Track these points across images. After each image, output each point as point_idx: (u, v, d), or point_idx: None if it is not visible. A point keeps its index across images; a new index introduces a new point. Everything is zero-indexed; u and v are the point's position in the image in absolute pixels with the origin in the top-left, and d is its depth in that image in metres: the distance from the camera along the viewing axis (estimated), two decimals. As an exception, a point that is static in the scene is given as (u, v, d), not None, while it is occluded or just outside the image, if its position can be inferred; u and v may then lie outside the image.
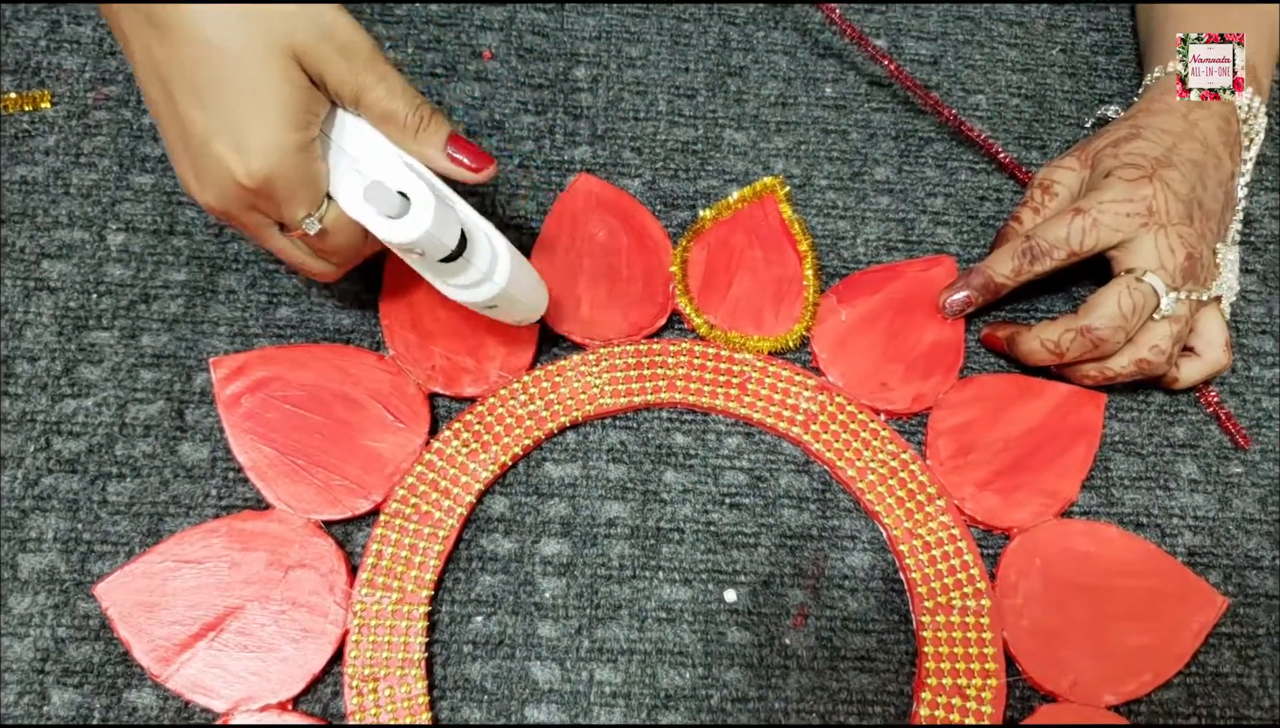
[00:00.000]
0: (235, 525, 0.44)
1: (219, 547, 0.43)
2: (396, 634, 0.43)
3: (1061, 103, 0.57)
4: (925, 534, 0.46)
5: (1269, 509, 0.48)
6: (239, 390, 0.46)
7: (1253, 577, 0.47)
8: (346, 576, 0.43)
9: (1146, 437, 0.49)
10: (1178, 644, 0.44)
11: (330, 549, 0.44)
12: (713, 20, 0.57)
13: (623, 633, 0.44)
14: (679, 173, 0.53)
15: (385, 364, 0.47)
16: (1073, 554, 0.45)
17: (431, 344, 0.48)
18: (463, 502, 0.45)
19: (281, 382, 0.46)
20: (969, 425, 0.48)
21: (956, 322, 0.50)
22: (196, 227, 0.50)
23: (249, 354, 0.47)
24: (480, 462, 0.46)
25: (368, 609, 0.43)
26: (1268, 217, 0.55)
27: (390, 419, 0.46)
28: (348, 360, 0.47)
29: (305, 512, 0.44)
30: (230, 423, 0.45)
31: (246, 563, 0.43)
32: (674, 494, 0.47)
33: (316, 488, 0.45)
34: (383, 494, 0.45)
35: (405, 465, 0.45)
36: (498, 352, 0.48)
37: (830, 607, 0.45)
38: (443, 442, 0.46)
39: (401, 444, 0.46)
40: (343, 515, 0.45)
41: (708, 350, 0.49)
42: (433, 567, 0.44)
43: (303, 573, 0.43)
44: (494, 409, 0.47)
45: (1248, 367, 0.51)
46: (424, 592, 0.44)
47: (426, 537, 0.45)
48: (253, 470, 0.45)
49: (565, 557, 0.45)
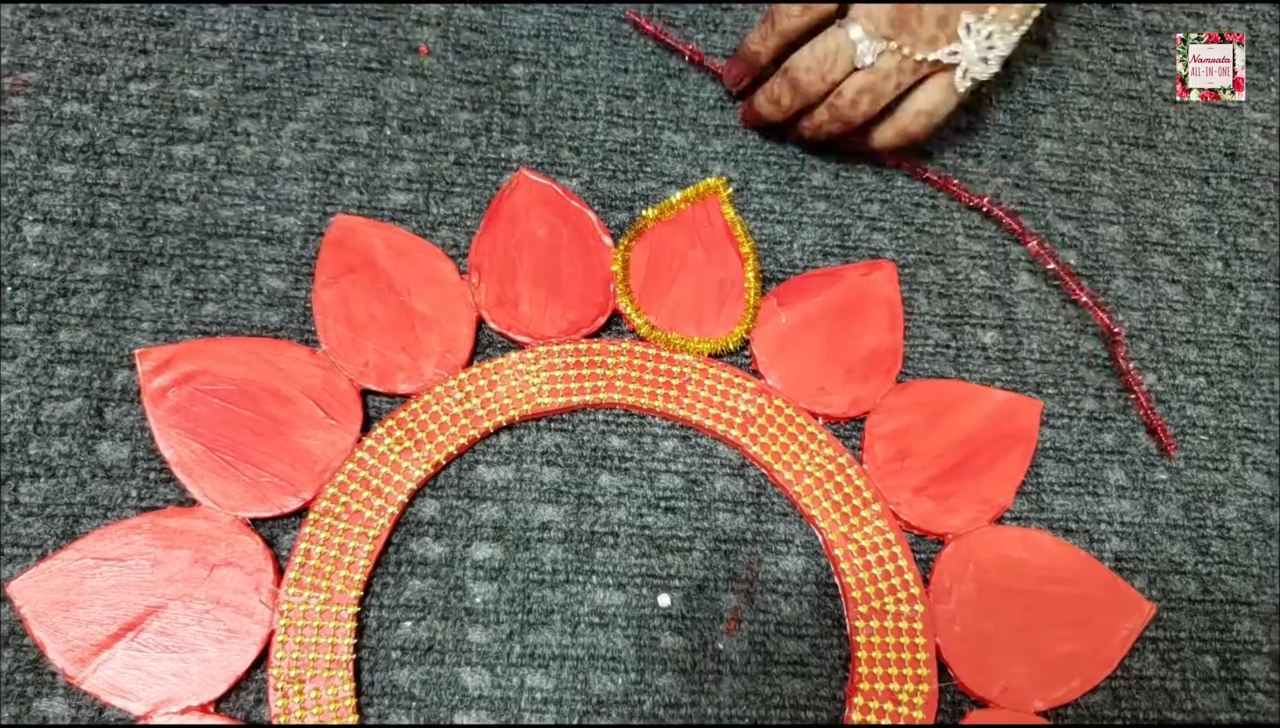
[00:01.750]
0: (159, 522, 0.42)
1: (141, 544, 0.42)
2: (324, 635, 0.42)
3: (995, 112, 0.58)
4: (860, 539, 0.46)
5: (1191, 515, 0.49)
6: (165, 384, 0.44)
7: (1176, 581, 0.48)
8: (273, 575, 0.42)
9: (1076, 443, 0.50)
10: (1106, 650, 0.45)
11: (257, 547, 0.43)
12: (652, 21, 0.57)
13: (555, 639, 0.43)
14: (617, 174, 0.53)
15: (317, 359, 0.46)
16: (1006, 561, 0.46)
17: (365, 339, 0.47)
18: (394, 501, 0.44)
19: (210, 375, 0.45)
20: (906, 431, 0.48)
21: (895, 326, 0.50)
22: (120, 219, 0.48)
23: (176, 347, 0.45)
24: (413, 461, 0.45)
25: (294, 609, 0.42)
26: (1192, 228, 0.56)
27: (321, 416, 0.45)
28: (279, 355, 0.46)
29: (232, 509, 0.43)
30: (156, 417, 0.44)
31: (170, 561, 0.42)
32: (609, 498, 0.46)
33: (244, 485, 0.43)
34: (312, 492, 0.44)
35: (336, 463, 0.44)
36: (433, 348, 0.47)
37: (763, 612, 0.45)
38: (375, 440, 0.45)
39: (333, 441, 0.45)
40: (271, 513, 0.43)
41: (648, 351, 0.48)
42: (362, 567, 0.43)
43: (228, 572, 0.42)
44: (428, 407, 0.46)
45: (1173, 375, 0.52)
46: (353, 592, 0.43)
47: (357, 536, 0.44)
48: (178, 466, 0.43)
49: (497, 561, 0.44)
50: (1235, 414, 0.52)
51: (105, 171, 0.49)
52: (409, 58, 0.54)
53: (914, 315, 0.51)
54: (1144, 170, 0.57)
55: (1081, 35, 0.61)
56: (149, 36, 0.53)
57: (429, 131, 0.52)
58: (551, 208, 0.50)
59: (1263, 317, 0.54)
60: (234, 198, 0.50)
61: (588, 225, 0.50)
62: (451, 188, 0.51)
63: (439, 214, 0.50)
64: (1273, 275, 0.56)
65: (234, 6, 0.54)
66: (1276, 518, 0.49)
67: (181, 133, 0.51)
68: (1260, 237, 0.57)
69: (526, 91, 0.54)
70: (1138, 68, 0.60)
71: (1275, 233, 0.57)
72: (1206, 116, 0.60)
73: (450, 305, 0.48)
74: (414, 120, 0.52)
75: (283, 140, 0.51)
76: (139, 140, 0.50)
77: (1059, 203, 0.55)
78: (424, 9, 0.55)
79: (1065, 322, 0.52)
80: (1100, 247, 0.55)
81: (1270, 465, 0.51)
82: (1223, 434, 0.51)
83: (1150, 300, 0.54)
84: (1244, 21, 0.63)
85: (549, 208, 0.50)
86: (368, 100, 0.53)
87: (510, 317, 0.48)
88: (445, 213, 0.50)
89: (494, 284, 0.48)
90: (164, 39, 0.53)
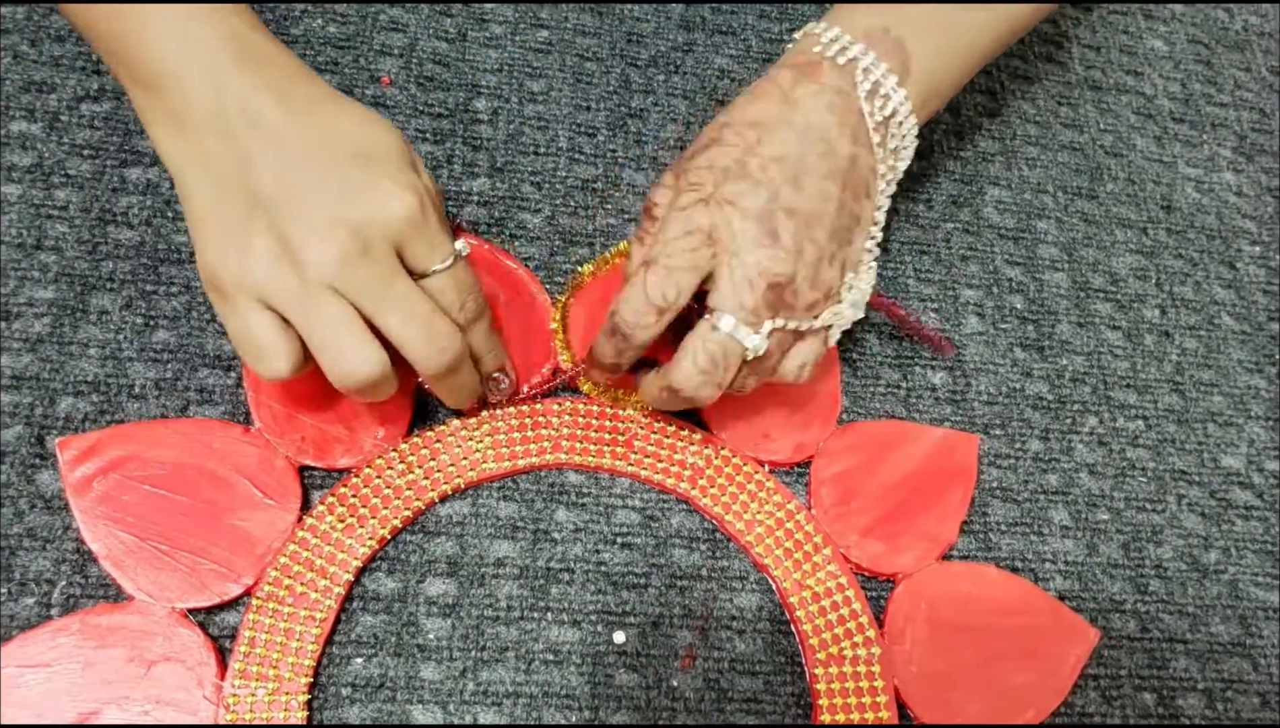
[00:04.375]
0: (89, 621, 0.40)
1: (69, 647, 0.39)
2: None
3: (946, 159, 0.59)
4: (814, 585, 0.46)
5: (1131, 555, 0.50)
6: (90, 473, 0.42)
7: (1116, 620, 0.49)
8: (216, 667, 0.40)
9: (1022, 484, 0.51)
10: (1056, 678, 0.46)
11: (197, 640, 0.40)
12: (615, 61, 0.57)
13: (509, 676, 0.43)
14: (579, 210, 0.53)
15: (251, 437, 0.44)
16: (955, 596, 0.47)
17: (300, 414, 0.45)
18: (340, 581, 0.43)
19: (139, 460, 0.43)
20: (850, 473, 0.49)
21: (832, 371, 0.50)
22: (68, 242, 0.47)
23: (100, 433, 0.43)
24: (357, 537, 0.44)
25: (241, 702, 0.40)
26: (1132, 277, 0.58)
27: (259, 496, 0.43)
28: (211, 435, 0.44)
29: (169, 600, 0.41)
30: (81, 509, 0.41)
31: (102, 662, 0.39)
32: (565, 533, 0.46)
33: (181, 574, 0.41)
34: (254, 576, 0.42)
35: (277, 545, 0.43)
36: (371, 420, 0.46)
37: (718, 648, 0.45)
38: (316, 518, 0.44)
39: (271, 522, 0.43)
40: (210, 602, 0.41)
41: (592, 408, 0.48)
42: (310, 652, 0.41)
43: (167, 667, 0.40)
44: (370, 481, 0.45)
45: (1113, 418, 0.54)
46: (303, 679, 0.41)
47: (303, 620, 0.42)
48: (108, 560, 0.41)
49: (451, 597, 0.44)
50: (1171, 457, 0.53)
51: (54, 192, 0.48)
52: (371, 87, 0.54)
53: (865, 356, 0.52)
54: (1086, 219, 0.59)
55: (1027, 88, 0.63)
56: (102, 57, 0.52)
57: (389, 162, 0.52)
58: (485, 267, 0.50)
59: (1196, 363, 0.56)
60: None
61: (523, 284, 0.50)
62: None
63: (398, 245, 0.50)
64: (1205, 323, 0.58)
65: (192, 30, 0.53)
66: (1210, 558, 0.51)
67: (135, 156, 0.50)
68: (1194, 286, 0.59)
69: (489, 126, 0.54)
70: (1080, 121, 0.63)
71: (1207, 283, 0.59)
72: (1144, 170, 0.62)
73: None
74: (374, 150, 0.52)
75: (239, 166, 0.50)
76: (90, 162, 0.49)
77: (1007, 249, 0.57)
78: (387, 39, 0.55)
79: (1012, 364, 0.54)
80: (1046, 292, 0.56)
81: (1204, 507, 0.52)
82: (1160, 476, 0.53)
83: (1092, 345, 0.55)
84: (1179, 80, 0.66)
85: (483, 267, 0.49)
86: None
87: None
88: (404, 244, 0.50)
89: None
90: (119, 60, 0.52)
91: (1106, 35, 0.67)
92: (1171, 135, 0.64)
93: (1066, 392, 0.54)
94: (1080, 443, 0.53)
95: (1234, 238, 0.61)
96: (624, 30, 0.59)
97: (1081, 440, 0.53)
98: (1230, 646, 0.49)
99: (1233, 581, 0.51)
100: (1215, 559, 0.51)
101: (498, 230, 0.51)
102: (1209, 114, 0.65)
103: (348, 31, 0.55)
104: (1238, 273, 0.60)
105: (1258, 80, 0.68)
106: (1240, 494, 0.53)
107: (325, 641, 0.42)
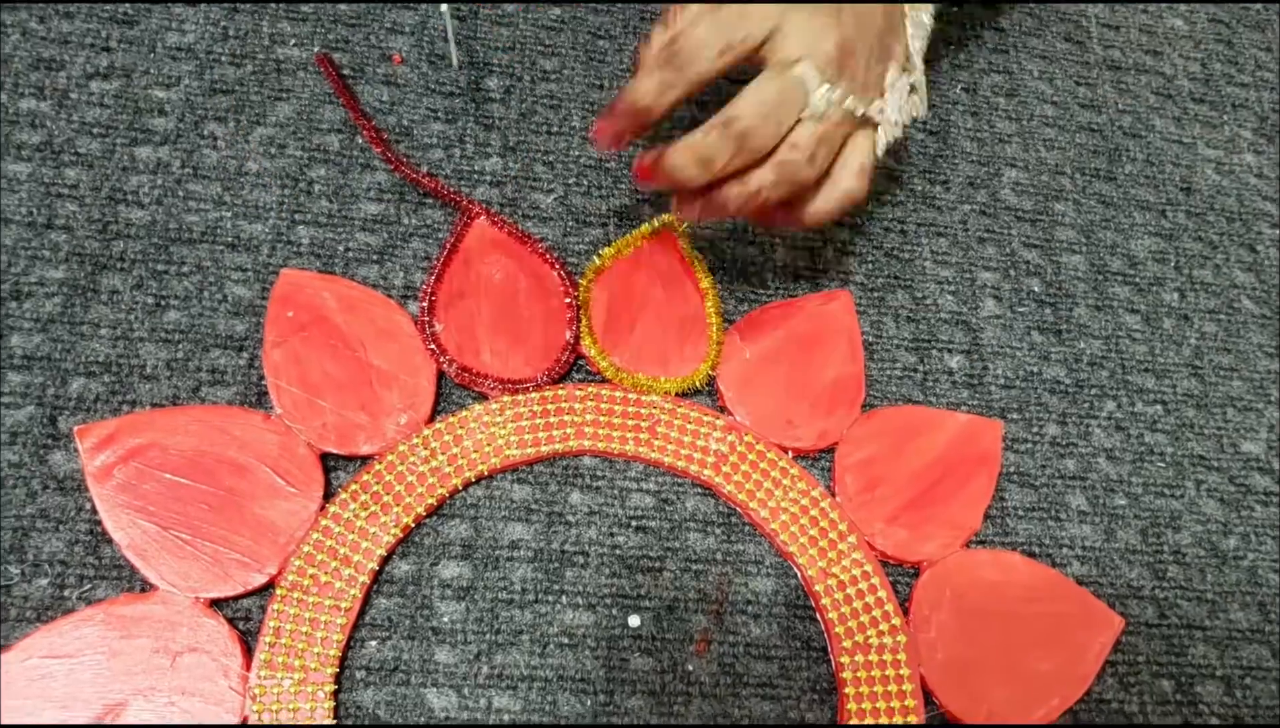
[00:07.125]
0: (113, 611, 0.40)
1: (94, 637, 0.39)
2: (300, 718, 0.40)
3: (963, 140, 0.59)
4: (839, 573, 0.46)
5: (1149, 541, 0.50)
6: (110, 461, 0.42)
7: (1134, 606, 0.49)
8: (242, 658, 0.40)
9: (1040, 468, 0.50)
10: (1081, 666, 0.45)
11: (222, 630, 0.40)
12: (628, 38, 0.57)
13: (523, 659, 0.43)
14: (592, 190, 0.52)
15: (272, 424, 0.44)
16: (981, 584, 0.46)
17: (321, 399, 0.45)
18: (364, 569, 0.42)
19: (158, 449, 0.42)
20: (874, 460, 0.48)
21: (855, 357, 0.50)
22: (78, 221, 0.47)
23: (119, 420, 0.43)
24: (381, 525, 0.43)
25: (267, 693, 0.40)
26: (1150, 259, 0.57)
27: (281, 484, 0.43)
28: (231, 421, 0.43)
29: (193, 591, 0.41)
30: (102, 498, 0.41)
31: (128, 652, 0.39)
32: (580, 516, 0.46)
33: (204, 564, 0.41)
34: (277, 566, 0.42)
35: (300, 534, 0.42)
36: (393, 405, 0.45)
37: (733, 633, 0.45)
38: (339, 506, 0.43)
39: (294, 511, 0.43)
40: (235, 592, 0.41)
41: (615, 394, 0.47)
42: (336, 642, 0.41)
43: (193, 658, 0.39)
44: (393, 468, 0.44)
45: (1131, 402, 0.53)
46: (329, 670, 0.40)
47: (328, 609, 0.42)
48: (131, 550, 0.41)
49: (465, 580, 0.44)
50: (1190, 442, 0.53)
51: (64, 171, 0.48)
52: (382, 66, 0.53)
53: (882, 339, 0.52)
54: (1105, 201, 0.59)
55: (1045, 68, 0.62)
56: (112, 34, 0.51)
57: (401, 141, 0.51)
58: (504, 251, 0.49)
59: (1216, 347, 0.56)
60: (199, 203, 0.48)
61: (542, 268, 0.49)
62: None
63: (410, 225, 0.50)
64: (1225, 307, 0.57)
65: (202, 7, 0.53)
66: (1229, 544, 0.51)
67: (145, 134, 0.49)
68: (1214, 269, 0.58)
69: (500, 105, 0.53)
70: (1099, 101, 0.62)
71: (1227, 266, 0.58)
72: (1163, 151, 0.61)
73: (408, 359, 0.46)
74: (387, 130, 0.52)
75: (251, 145, 0.50)
76: (100, 140, 0.49)
77: (1024, 231, 0.56)
78: (398, 16, 0.54)
79: (1030, 348, 0.53)
80: (1064, 275, 0.56)
81: (1223, 493, 0.52)
82: (1178, 461, 0.52)
83: (1111, 329, 0.55)
84: (1199, 60, 0.65)
85: (502, 251, 0.49)
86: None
87: (472, 367, 0.47)
88: (417, 224, 0.50)
89: (453, 335, 0.47)
90: (128, 37, 0.51)
91: (1126, 14, 0.66)
92: (1191, 116, 0.63)
93: (1084, 376, 0.53)
94: (1098, 427, 0.52)
95: (1254, 220, 0.60)
96: (636, 7, 0.58)
97: (1099, 425, 0.52)
98: (1249, 632, 0.49)
99: (1252, 567, 0.50)
100: (1234, 545, 0.51)
101: (510, 210, 0.51)
102: (1229, 94, 0.64)
103: (359, 9, 0.54)
104: (1258, 256, 0.59)
105: (1279, 60, 0.67)
106: (1260, 480, 0.53)
107: (350, 630, 0.42)
